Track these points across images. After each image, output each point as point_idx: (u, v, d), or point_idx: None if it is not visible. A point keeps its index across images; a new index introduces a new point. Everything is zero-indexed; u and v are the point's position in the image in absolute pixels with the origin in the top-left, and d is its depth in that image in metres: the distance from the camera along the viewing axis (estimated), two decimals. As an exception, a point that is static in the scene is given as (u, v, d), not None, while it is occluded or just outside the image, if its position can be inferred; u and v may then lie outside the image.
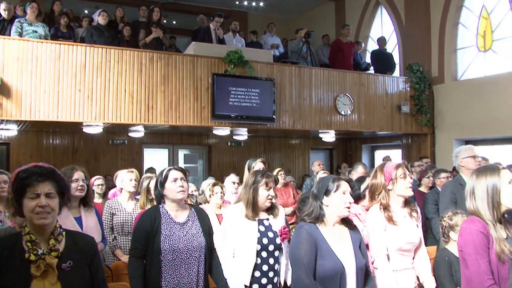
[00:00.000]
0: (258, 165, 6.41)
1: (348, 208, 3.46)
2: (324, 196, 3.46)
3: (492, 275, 2.92)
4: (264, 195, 4.16)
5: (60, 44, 8.74)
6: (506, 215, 3.13)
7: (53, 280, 2.55)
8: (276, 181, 4.38)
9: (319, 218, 3.45)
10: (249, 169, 6.49)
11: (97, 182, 7.06)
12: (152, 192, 5.07)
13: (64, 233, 2.72)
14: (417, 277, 4.05)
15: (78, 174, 4.63)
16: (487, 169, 3.12)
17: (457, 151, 5.80)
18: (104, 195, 7.20)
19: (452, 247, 4.15)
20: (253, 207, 4.15)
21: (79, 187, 4.60)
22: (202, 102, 9.75)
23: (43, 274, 2.53)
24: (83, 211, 4.70)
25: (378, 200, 3.96)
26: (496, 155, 10.43)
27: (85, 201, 4.73)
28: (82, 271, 2.67)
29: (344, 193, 3.45)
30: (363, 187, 5.04)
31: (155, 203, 5.00)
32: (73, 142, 12.07)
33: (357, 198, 4.79)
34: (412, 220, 3.98)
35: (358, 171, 6.90)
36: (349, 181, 3.58)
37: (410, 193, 3.93)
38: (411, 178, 3.99)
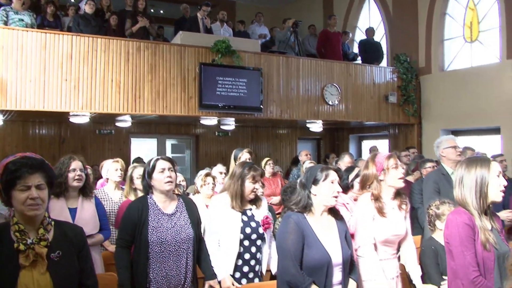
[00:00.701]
0: (245, 155, 6.42)
1: (336, 197, 3.47)
2: (312, 185, 3.47)
3: (478, 267, 2.96)
4: (249, 188, 4.18)
5: (46, 33, 8.66)
6: (491, 206, 3.16)
7: (42, 269, 2.55)
8: (262, 174, 4.39)
9: (306, 207, 3.46)
10: (235, 159, 6.48)
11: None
12: (135, 181, 5.06)
13: (53, 223, 2.71)
14: (400, 266, 4.08)
15: (76, 164, 4.57)
16: (478, 160, 3.14)
17: (438, 142, 5.82)
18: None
19: (438, 236, 4.18)
20: (239, 199, 4.17)
21: (77, 177, 4.53)
22: (189, 91, 9.72)
23: (32, 264, 2.53)
24: (81, 201, 4.65)
25: (369, 189, 3.97)
26: (482, 145, 10.52)
27: (84, 191, 4.69)
28: (71, 261, 2.67)
29: (332, 183, 3.45)
30: (351, 177, 5.06)
31: (138, 192, 5.01)
32: (59, 132, 11.99)
33: (345, 188, 4.81)
34: (400, 213, 4.00)
35: (344, 161, 6.94)
36: (337, 170, 3.59)
37: (401, 184, 3.94)
38: (403, 168, 4.01)
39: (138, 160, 10.08)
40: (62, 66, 8.61)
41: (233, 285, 3.97)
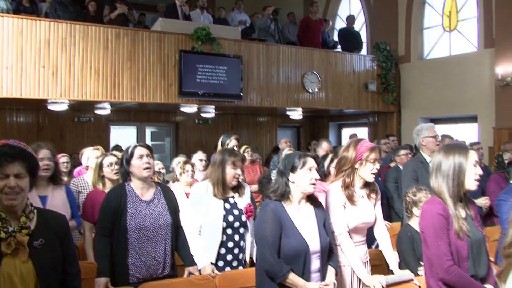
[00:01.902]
0: (233, 142, 6.41)
1: (314, 184, 3.47)
2: (290, 172, 3.45)
3: (452, 256, 3.01)
4: (231, 173, 4.18)
5: (23, 19, 8.53)
6: (467, 194, 3.20)
7: (24, 257, 2.53)
8: (243, 159, 4.39)
9: (284, 195, 3.45)
10: (222, 146, 6.48)
11: (62, 159, 6.95)
12: (104, 169, 5.01)
13: (35, 211, 2.70)
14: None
15: (43, 153, 4.49)
16: (456, 147, 3.15)
17: (418, 129, 5.83)
18: (70, 173, 7.11)
19: (415, 223, 4.22)
20: (221, 186, 4.17)
21: (44, 167, 4.45)
22: (169, 79, 9.68)
23: (14, 252, 2.52)
24: (51, 189, 4.61)
25: (341, 176, 3.95)
26: (460, 133, 10.66)
27: (54, 179, 4.65)
28: (53, 249, 2.65)
29: (310, 170, 3.44)
30: (326, 163, 5.06)
31: (106, 181, 4.98)
32: (37, 119, 11.86)
33: (323, 175, 4.82)
34: (369, 201, 4.01)
35: (323, 147, 6.95)
36: (315, 157, 3.58)
37: (371, 179, 3.90)
38: (379, 164, 3.98)
39: (117, 147, 10.02)
40: (39, 53, 8.50)
41: (213, 272, 3.98)
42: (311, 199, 3.58)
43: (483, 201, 6.44)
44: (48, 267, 2.61)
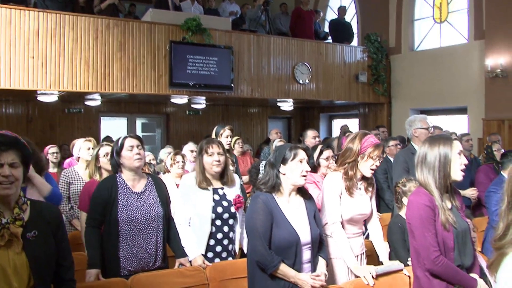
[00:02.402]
0: (226, 132, 6.42)
1: (305, 176, 3.48)
2: (281, 164, 3.45)
3: (438, 246, 3.03)
4: (208, 161, 4.16)
5: (11, 8, 8.45)
6: (453, 184, 3.22)
7: (18, 249, 2.52)
8: (222, 145, 4.35)
9: (275, 187, 3.45)
10: (216, 136, 6.47)
11: (51, 150, 6.94)
12: (101, 159, 4.99)
13: (28, 202, 2.68)
14: (366, 244, 4.15)
15: None
16: (440, 138, 3.17)
17: (411, 120, 5.85)
18: (59, 164, 7.10)
19: (404, 213, 4.25)
20: (203, 176, 4.17)
21: None
22: (159, 70, 9.65)
23: (7, 244, 2.50)
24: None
25: (343, 168, 3.94)
26: (450, 124, 10.71)
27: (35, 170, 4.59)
28: (47, 240, 2.65)
29: (301, 162, 3.43)
30: (315, 155, 5.06)
31: (102, 171, 4.96)
32: (27, 111, 11.78)
33: (313, 167, 4.83)
34: (366, 194, 4.03)
35: (308, 136, 6.95)
36: (306, 149, 3.58)
37: (368, 174, 3.91)
38: (380, 161, 3.98)
39: (107, 138, 10.00)
40: (28, 43, 8.44)
41: (203, 263, 3.99)
42: (301, 191, 3.58)
43: (470, 192, 6.49)
44: (42, 259, 2.60)
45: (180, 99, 10.97)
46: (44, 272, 2.62)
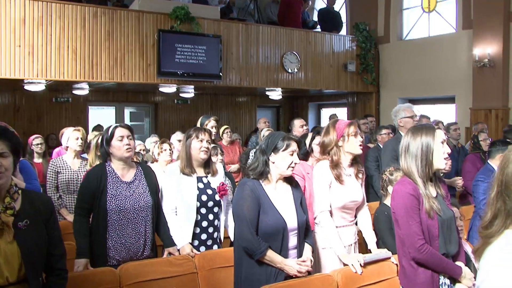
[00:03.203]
0: (211, 123, 6.41)
1: (293, 168, 3.50)
2: (272, 152, 3.47)
3: (423, 235, 3.06)
4: (196, 147, 4.17)
5: (-3, -3, 8.37)
6: (437, 173, 3.26)
7: (9, 238, 2.52)
8: (210, 134, 4.37)
9: (263, 174, 3.48)
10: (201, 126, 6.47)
11: (36, 141, 6.90)
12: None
13: (20, 191, 2.67)
14: (357, 233, 4.18)
15: None
16: (423, 127, 3.20)
17: (396, 110, 5.88)
18: (44, 155, 7.06)
19: (390, 202, 4.29)
20: (188, 162, 4.17)
21: None
22: (148, 59, 9.60)
23: None
24: None
25: (328, 156, 4.00)
26: (438, 113, 10.78)
27: None
28: (38, 230, 2.64)
29: (291, 154, 3.45)
30: (308, 142, 5.09)
31: (102, 159, 4.95)
32: (14, 100, 11.69)
33: (306, 154, 4.83)
34: (357, 181, 4.07)
35: (295, 125, 6.96)
36: (299, 142, 3.60)
37: (359, 151, 3.99)
38: (362, 137, 4.06)
39: (98, 128, 9.96)
40: (14, 32, 8.35)
41: (192, 252, 4.01)
42: (288, 178, 3.61)
43: (456, 182, 6.55)
44: (33, 248, 2.59)
45: (169, 88, 10.94)
46: (36, 261, 2.62)
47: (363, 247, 4.27)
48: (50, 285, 2.77)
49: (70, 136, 5.94)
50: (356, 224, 4.18)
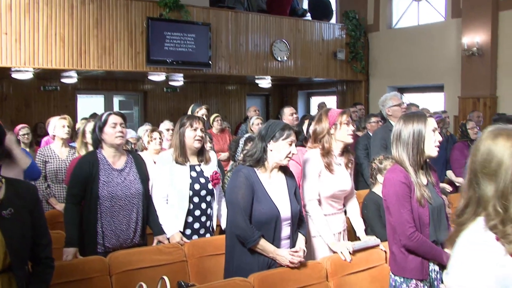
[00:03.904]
0: (202, 111, 6.38)
1: (290, 158, 3.49)
2: (271, 140, 3.44)
3: (414, 222, 3.08)
4: (190, 136, 4.14)
5: (-17, -17, 8.27)
6: (428, 161, 3.27)
7: None
8: (203, 122, 4.35)
9: (260, 161, 3.46)
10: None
11: (22, 131, 6.83)
12: (87, 135, 4.97)
13: (3, 180, 2.65)
14: (346, 220, 4.20)
15: None
16: (414, 115, 3.20)
17: (383, 100, 5.89)
18: (31, 145, 7.01)
19: (379, 190, 4.30)
20: (181, 150, 4.16)
21: None
22: (136, 47, 9.54)
23: None
24: None
25: (319, 144, 4.00)
26: (427, 102, 10.82)
27: None
28: (23, 219, 2.62)
29: (290, 144, 3.44)
30: (304, 128, 5.10)
31: (89, 147, 4.92)
32: (1, 88, 11.57)
33: (305, 140, 4.82)
34: (346, 170, 4.08)
35: (285, 113, 6.97)
36: (298, 133, 3.60)
37: (350, 140, 3.99)
38: (353, 126, 4.07)
39: (94, 115, 9.90)
40: (1, 19, 8.25)
41: (181, 240, 4.01)
42: (283, 167, 3.60)
43: (445, 189, 6.57)
44: (18, 237, 2.57)
45: (158, 76, 10.90)
46: (21, 250, 2.60)
47: (352, 234, 4.29)
48: (37, 274, 2.75)
49: (57, 125, 5.88)
50: (345, 213, 4.20)
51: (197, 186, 4.14)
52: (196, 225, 4.17)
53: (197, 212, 4.16)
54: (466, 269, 1.78)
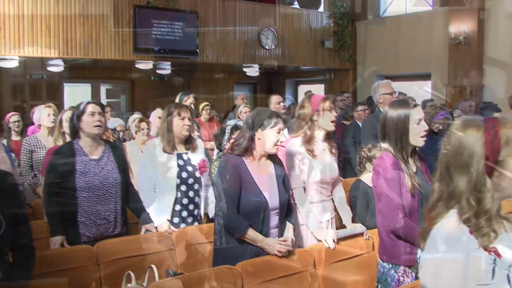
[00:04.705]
0: (190, 100, 6.35)
1: (278, 147, 3.48)
2: (259, 129, 3.42)
3: (404, 208, 3.10)
4: (179, 125, 4.13)
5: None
6: (417, 149, 3.28)
7: None
8: (191, 111, 4.34)
9: (248, 150, 3.45)
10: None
11: (13, 119, 6.77)
12: (64, 124, 4.90)
13: None
14: (335, 208, 4.21)
15: None
16: (399, 105, 3.20)
17: (375, 87, 5.89)
18: (22, 132, 6.96)
19: (367, 178, 4.32)
20: (169, 139, 4.15)
21: None
22: (123, 35, 9.48)
23: None
24: None
25: (301, 132, 3.98)
26: (414, 90, 10.86)
27: None
28: (1, 208, 2.61)
29: (278, 132, 3.42)
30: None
31: (66, 137, 4.87)
32: (-14, 76, 11.48)
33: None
34: (331, 156, 4.08)
35: (272, 101, 6.96)
36: (286, 121, 3.58)
37: (331, 127, 3.97)
38: (336, 113, 4.06)
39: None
40: (-15, 6, 8.18)
41: (169, 229, 4.00)
42: (271, 156, 3.58)
43: None
44: None
45: (145, 65, 10.85)
46: None
47: (338, 222, 4.31)
48: (18, 263, 2.74)
49: (42, 113, 5.82)
50: (332, 200, 4.20)
51: (184, 175, 4.13)
52: (184, 214, 4.16)
53: (185, 201, 4.16)
54: (439, 263, 1.79)
